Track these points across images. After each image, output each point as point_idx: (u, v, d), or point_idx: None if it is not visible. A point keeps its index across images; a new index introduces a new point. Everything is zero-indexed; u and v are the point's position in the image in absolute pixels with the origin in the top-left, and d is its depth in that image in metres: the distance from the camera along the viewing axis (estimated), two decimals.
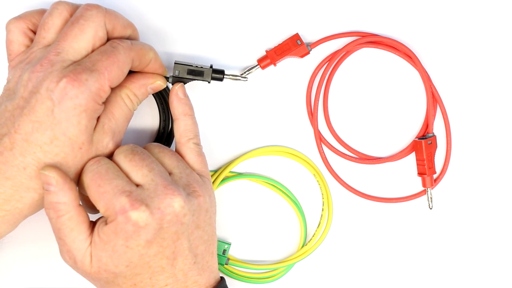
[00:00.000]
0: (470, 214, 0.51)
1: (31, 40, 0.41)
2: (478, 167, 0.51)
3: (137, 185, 0.38)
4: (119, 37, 0.40)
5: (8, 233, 0.40)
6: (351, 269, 0.51)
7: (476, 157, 0.51)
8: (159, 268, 0.38)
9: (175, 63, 0.44)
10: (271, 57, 0.48)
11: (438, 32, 0.50)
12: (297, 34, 0.48)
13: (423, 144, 0.49)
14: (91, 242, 0.38)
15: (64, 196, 0.37)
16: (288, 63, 0.50)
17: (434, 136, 0.50)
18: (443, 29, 0.50)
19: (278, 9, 0.49)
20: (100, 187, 0.37)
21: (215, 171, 0.50)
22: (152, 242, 0.37)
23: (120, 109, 0.40)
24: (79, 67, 0.37)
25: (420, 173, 0.50)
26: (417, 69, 0.49)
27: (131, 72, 0.42)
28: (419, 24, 0.50)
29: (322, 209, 0.50)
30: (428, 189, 0.50)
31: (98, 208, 0.37)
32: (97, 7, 0.39)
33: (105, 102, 0.40)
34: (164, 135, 0.49)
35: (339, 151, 0.51)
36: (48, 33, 0.39)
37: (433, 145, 0.49)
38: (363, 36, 0.49)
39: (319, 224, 0.50)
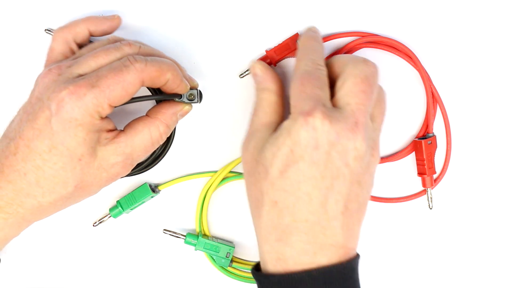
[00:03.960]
0: (470, 214, 0.51)
1: (72, 51, 0.43)
2: (478, 167, 0.51)
3: (334, 105, 0.37)
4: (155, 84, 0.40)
5: (12, 237, 0.41)
6: None
7: (476, 157, 0.51)
8: (307, 197, 0.36)
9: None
10: (271, 57, 0.48)
11: (438, 32, 0.50)
12: (297, 34, 0.48)
13: (423, 144, 0.49)
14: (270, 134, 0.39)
15: (266, 82, 0.42)
16: (288, 63, 0.50)
17: (434, 136, 0.50)
18: (443, 29, 0.50)
19: (278, 9, 0.49)
20: (302, 86, 0.37)
21: (215, 171, 0.50)
22: (314, 163, 0.35)
23: (141, 139, 0.40)
24: (82, 81, 0.36)
25: (420, 173, 0.50)
26: (417, 69, 0.49)
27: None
28: (419, 24, 0.50)
29: None
30: (428, 189, 0.50)
31: (290, 100, 0.38)
32: (139, 61, 0.38)
33: (131, 128, 0.40)
34: None
35: None
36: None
37: (433, 145, 0.49)
38: (363, 36, 0.49)
39: None
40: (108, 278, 0.51)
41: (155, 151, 0.49)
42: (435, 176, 0.50)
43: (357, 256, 0.39)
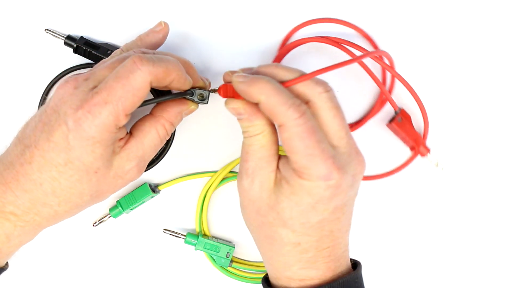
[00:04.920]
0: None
1: None
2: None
3: (331, 144, 0.36)
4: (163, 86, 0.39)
5: (27, 242, 0.41)
6: None
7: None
8: (329, 233, 0.38)
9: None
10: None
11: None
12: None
13: (396, 126, 0.49)
14: (275, 180, 0.37)
15: (256, 119, 0.37)
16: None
17: (401, 111, 0.50)
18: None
19: (278, 12, 0.50)
20: (308, 148, 0.35)
21: (215, 171, 0.50)
22: (338, 208, 0.37)
23: (151, 140, 0.40)
24: (94, 99, 0.36)
25: (411, 148, 0.50)
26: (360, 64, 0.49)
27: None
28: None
29: None
30: (428, 155, 0.50)
31: (292, 159, 0.36)
32: (146, 63, 0.36)
33: (139, 131, 0.40)
34: None
35: None
36: None
37: (405, 119, 0.49)
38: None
39: None
40: (108, 278, 0.51)
41: None
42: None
43: (359, 262, 0.41)
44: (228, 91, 0.39)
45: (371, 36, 0.50)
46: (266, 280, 0.41)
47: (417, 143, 0.49)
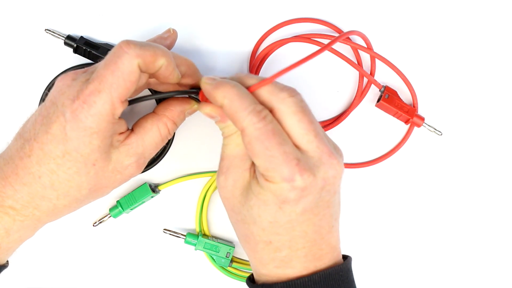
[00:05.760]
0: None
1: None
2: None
3: (299, 149, 0.36)
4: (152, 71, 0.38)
5: (27, 238, 0.41)
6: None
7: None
8: (302, 233, 0.37)
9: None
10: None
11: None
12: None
13: (385, 103, 0.49)
14: (249, 179, 0.38)
15: (228, 120, 0.38)
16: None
17: (385, 88, 0.50)
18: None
19: (276, 11, 0.50)
20: (268, 150, 0.34)
21: (215, 171, 0.50)
22: (307, 210, 0.36)
23: (152, 137, 0.40)
24: (88, 88, 0.36)
25: (406, 121, 0.51)
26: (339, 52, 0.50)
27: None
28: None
29: None
30: (424, 124, 0.51)
31: (256, 163, 0.36)
32: (133, 47, 0.36)
33: (140, 127, 0.40)
34: None
35: None
36: None
37: (392, 94, 0.50)
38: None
39: None
40: (108, 278, 0.51)
41: None
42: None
43: (350, 257, 0.41)
44: (204, 96, 0.39)
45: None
46: (249, 277, 0.42)
47: (410, 114, 0.50)
